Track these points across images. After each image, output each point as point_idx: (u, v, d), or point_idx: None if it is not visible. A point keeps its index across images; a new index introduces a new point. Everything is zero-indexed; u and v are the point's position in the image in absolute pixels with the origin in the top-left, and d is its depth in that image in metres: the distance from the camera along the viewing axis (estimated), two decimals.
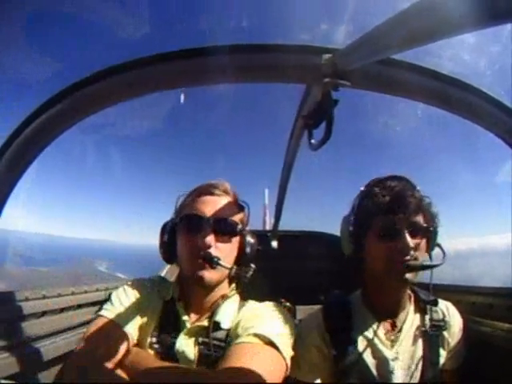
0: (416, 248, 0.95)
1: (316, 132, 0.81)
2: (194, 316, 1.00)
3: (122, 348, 0.87)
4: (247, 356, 0.81)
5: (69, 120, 0.92)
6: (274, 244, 2.28)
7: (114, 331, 0.90)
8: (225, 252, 0.97)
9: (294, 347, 0.95)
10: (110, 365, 0.84)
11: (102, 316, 0.93)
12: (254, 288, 1.10)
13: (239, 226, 1.02)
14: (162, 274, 1.95)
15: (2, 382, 0.88)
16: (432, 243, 1.01)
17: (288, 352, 0.89)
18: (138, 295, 1.00)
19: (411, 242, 0.94)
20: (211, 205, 0.98)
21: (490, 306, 1.18)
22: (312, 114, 0.83)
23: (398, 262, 0.94)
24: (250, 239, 1.06)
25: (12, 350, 1.00)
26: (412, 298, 1.09)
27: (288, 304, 1.73)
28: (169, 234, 1.03)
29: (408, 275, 0.94)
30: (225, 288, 1.05)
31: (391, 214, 0.96)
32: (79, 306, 1.43)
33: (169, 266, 1.98)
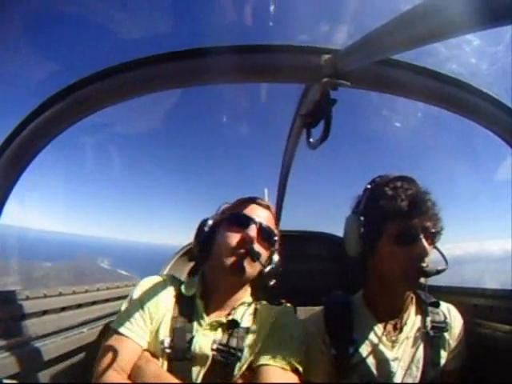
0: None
1: (314, 131, 0.81)
2: (212, 315, 1.02)
3: (131, 360, 0.92)
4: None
5: (68, 120, 0.92)
6: None
7: (122, 344, 0.93)
8: (262, 254, 1.03)
9: None
10: (119, 377, 0.88)
11: (111, 329, 0.98)
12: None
13: (275, 238, 1.10)
14: (164, 273, 1.95)
15: (3, 381, 0.88)
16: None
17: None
18: (147, 297, 1.02)
19: (428, 247, 0.93)
20: (258, 212, 1.08)
21: (490, 308, 1.17)
22: (311, 113, 0.83)
23: (415, 267, 0.93)
24: (277, 257, 1.12)
25: (13, 349, 1.00)
26: (413, 300, 1.09)
27: (289, 305, 1.72)
28: (209, 229, 1.09)
29: (420, 280, 0.95)
30: (245, 292, 1.10)
31: (409, 219, 0.94)
32: (80, 306, 1.43)
33: (170, 264, 1.98)
